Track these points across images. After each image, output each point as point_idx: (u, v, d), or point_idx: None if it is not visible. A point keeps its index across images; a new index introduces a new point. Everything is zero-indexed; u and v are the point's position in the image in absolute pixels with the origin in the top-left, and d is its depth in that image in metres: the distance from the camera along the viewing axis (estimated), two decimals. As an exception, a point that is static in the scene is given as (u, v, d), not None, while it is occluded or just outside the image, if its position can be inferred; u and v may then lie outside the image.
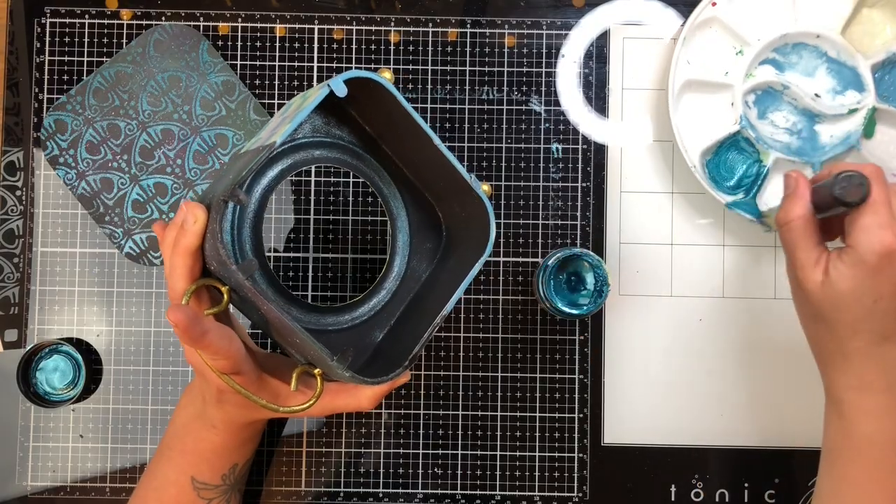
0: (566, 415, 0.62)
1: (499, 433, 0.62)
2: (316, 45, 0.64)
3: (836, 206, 0.46)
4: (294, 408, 0.48)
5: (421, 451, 0.62)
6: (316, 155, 0.55)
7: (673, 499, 0.62)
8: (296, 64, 0.63)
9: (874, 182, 0.45)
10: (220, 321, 0.49)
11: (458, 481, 0.62)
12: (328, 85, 0.47)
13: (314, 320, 0.55)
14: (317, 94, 0.47)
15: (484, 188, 0.52)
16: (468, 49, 0.64)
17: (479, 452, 0.62)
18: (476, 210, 0.53)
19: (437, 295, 0.54)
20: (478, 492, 0.62)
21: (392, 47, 0.64)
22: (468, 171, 0.53)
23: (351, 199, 0.63)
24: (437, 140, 0.51)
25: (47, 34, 0.63)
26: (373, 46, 0.64)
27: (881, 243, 0.44)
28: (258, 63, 0.63)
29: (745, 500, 0.62)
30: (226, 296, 0.47)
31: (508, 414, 0.62)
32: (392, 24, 0.64)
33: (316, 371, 0.48)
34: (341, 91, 0.47)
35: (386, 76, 0.49)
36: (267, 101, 0.63)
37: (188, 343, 0.45)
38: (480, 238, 0.52)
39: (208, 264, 0.47)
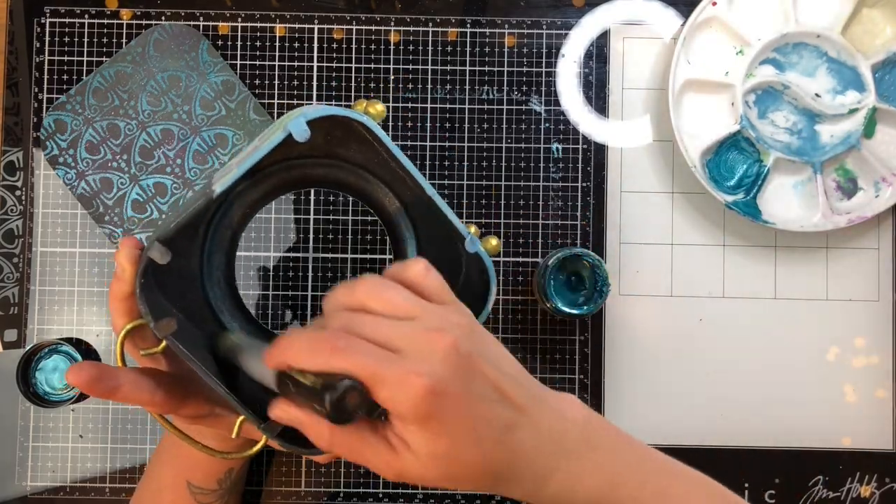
0: (566, 415, 0.62)
1: (499, 433, 0.62)
2: (316, 45, 0.64)
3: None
4: (232, 454, 0.44)
5: (421, 452, 0.62)
6: (316, 173, 0.47)
7: (673, 499, 0.62)
8: (296, 64, 0.63)
9: (349, 359, 0.35)
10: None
11: (458, 481, 0.62)
12: (287, 128, 0.40)
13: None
14: (272, 135, 0.41)
15: (492, 243, 0.46)
16: (468, 49, 0.64)
17: (479, 452, 0.62)
18: (473, 261, 0.46)
19: None
20: (478, 491, 0.62)
21: (392, 47, 0.64)
22: (462, 221, 0.47)
23: (351, 199, 0.63)
24: (430, 190, 0.45)
25: (47, 34, 0.63)
26: (373, 46, 0.64)
27: (415, 390, 0.34)
28: (258, 63, 0.63)
29: (745, 500, 0.62)
30: (162, 343, 0.43)
31: (508, 414, 0.62)
32: (392, 23, 0.64)
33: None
34: (302, 135, 0.40)
35: (374, 111, 0.43)
36: (267, 101, 0.63)
37: (99, 397, 0.41)
38: (479, 290, 0.46)
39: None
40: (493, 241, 0.46)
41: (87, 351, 0.62)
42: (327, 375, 0.35)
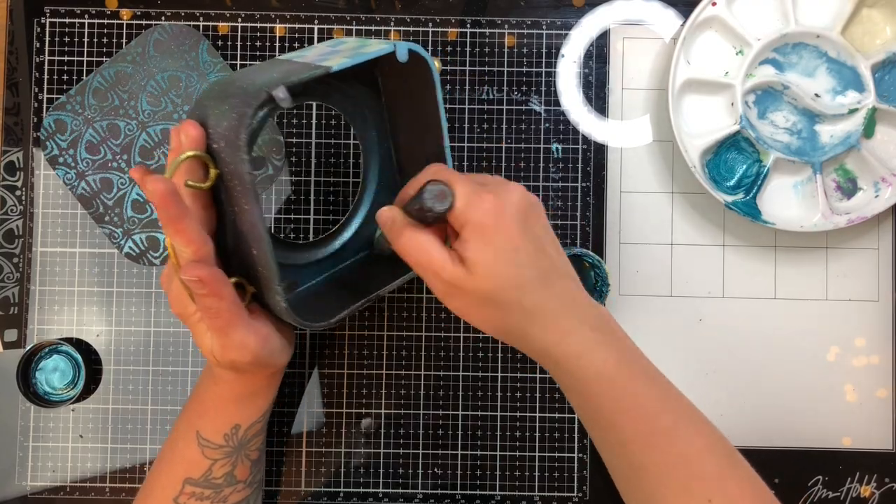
0: (566, 415, 0.62)
1: (499, 433, 0.62)
2: (316, 45, 0.64)
3: (429, 218, 0.46)
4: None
5: (421, 451, 0.62)
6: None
7: (673, 499, 0.62)
8: (296, 64, 0.63)
9: (450, 177, 0.47)
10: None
11: (458, 481, 0.62)
12: (394, 45, 0.49)
13: (286, 256, 0.55)
14: (379, 47, 0.49)
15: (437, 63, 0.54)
16: (468, 49, 0.64)
17: (479, 452, 0.62)
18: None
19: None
20: (478, 492, 0.62)
21: (392, 47, 0.64)
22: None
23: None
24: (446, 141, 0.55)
25: (47, 34, 0.63)
26: (373, 46, 0.64)
27: (484, 205, 0.45)
28: (258, 63, 0.63)
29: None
30: (212, 171, 0.46)
31: (508, 414, 0.62)
32: (392, 24, 0.64)
33: (248, 289, 0.49)
34: (403, 57, 0.49)
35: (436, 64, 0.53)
36: (267, 101, 0.63)
37: (165, 220, 0.44)
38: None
39: (212, 142, 0.46)
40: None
41: (87, 351, 0.62)
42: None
